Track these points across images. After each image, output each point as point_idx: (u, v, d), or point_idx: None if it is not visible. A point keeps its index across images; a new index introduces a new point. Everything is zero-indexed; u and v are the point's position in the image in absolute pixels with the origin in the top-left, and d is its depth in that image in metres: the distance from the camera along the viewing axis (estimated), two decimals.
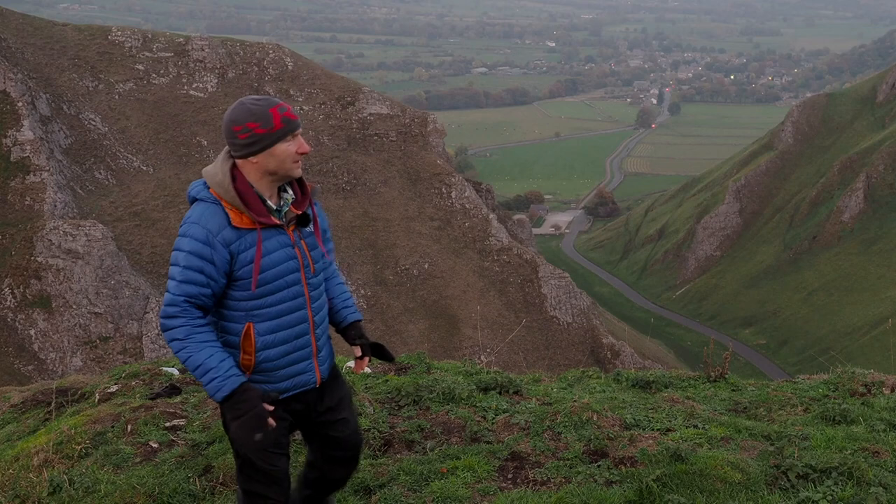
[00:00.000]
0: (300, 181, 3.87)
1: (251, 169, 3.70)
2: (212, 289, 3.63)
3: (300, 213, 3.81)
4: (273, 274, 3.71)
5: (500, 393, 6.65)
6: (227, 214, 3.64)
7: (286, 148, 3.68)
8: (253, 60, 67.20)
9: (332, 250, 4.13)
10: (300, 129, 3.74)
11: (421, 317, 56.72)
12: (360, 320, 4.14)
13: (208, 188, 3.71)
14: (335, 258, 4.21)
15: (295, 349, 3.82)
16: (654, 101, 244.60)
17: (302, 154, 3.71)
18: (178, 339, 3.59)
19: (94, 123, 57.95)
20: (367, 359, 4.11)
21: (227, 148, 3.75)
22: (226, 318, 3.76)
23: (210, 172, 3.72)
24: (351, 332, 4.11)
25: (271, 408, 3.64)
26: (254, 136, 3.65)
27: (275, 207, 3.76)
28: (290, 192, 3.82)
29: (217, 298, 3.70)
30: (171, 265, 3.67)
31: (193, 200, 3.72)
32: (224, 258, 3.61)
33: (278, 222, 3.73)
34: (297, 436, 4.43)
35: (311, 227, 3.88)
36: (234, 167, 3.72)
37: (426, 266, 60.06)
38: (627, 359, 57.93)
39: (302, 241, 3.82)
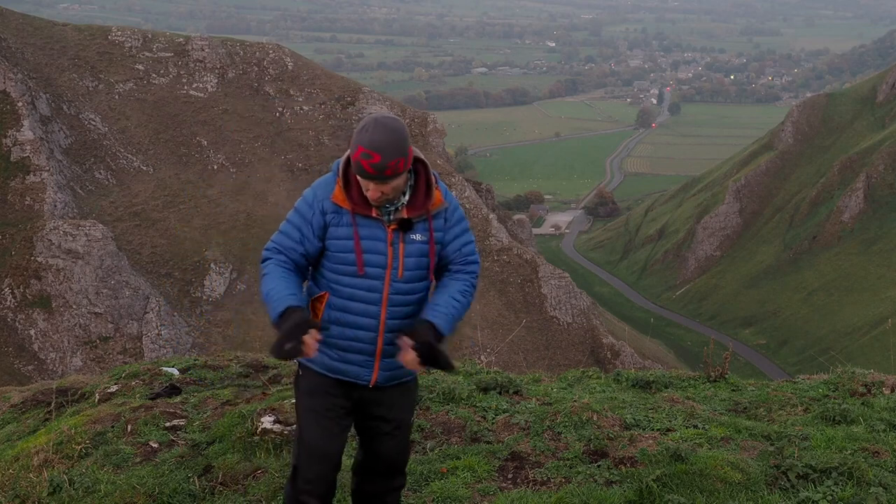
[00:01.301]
0: (429, 189, 3.86)
1: None
2: (304, 247, 3.87)
3: (405, 217, 3.83)
4: (353, 258, 3.82)
5: (500, 393, 6.64)
6: (335, 189, 3.85)
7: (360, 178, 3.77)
8: (253, 60, 67.18)
9: (462, 269, 3.98)
10: (372, 181, 3.69)
11: None
12: (431, 322, 3.77)
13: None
14: (469, 281, 4.00)
15: (354, 339, 3.87)
16: (654, 101, 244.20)
17: (373, 197, 3.75)
18: (263, 276, 3.84)
19: (94, 123, 57.93)
20: (410, 357, 3.75)
21: None
22: (317, 283, 3.96)
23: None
24: (412, 328, 3.81)
25: (318, 336, 3.71)
26: None
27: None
28: (407, 196, 3.83)
29: (309, 260, 3.92)
30: None
31: None
32: (319, 224, 3.85)
33: (375, 214, 3.81)
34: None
35: (420, 237, 3.87)
36: None
37: None
38: (627, 359, 57.85)
39: (400, 244, 3.84)
